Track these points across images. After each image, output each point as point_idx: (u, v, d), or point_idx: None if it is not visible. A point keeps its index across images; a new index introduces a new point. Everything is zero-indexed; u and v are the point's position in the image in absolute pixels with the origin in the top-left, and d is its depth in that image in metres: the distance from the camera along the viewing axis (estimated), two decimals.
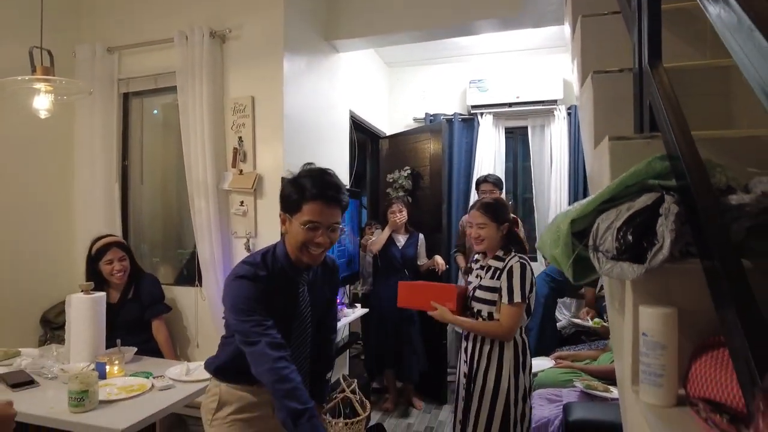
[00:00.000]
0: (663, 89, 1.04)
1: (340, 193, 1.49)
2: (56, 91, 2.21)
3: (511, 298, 2.05)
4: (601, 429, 2.15)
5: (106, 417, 1.76)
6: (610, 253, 0.88)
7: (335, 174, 1.53)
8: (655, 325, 0.83)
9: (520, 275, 2.07)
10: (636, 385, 0.91)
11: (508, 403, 2.09)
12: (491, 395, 2.10)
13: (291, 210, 1.47)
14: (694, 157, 0.88)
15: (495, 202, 2.29)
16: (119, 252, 2.63)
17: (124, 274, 2.63)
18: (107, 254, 2.60)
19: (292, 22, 2.88)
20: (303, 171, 1.52)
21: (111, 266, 2.59)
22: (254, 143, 2.83)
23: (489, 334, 2.13)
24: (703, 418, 0.76)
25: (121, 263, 2.62)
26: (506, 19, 3.15)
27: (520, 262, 2.11)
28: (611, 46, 1.60)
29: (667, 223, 0.82)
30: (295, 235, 1.47)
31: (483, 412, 2.11)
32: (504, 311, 2.08)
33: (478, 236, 2.21)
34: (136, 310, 2.66)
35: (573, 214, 0.97)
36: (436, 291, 2.31)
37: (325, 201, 1.45)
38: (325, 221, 1.46)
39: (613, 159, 1.13)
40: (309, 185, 1.45)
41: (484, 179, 3.84)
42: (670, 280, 0.89)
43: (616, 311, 1.11)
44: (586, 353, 3.14)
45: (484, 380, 2.13)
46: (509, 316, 2.06)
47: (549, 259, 1.04)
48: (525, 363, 2.15)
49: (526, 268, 2.10)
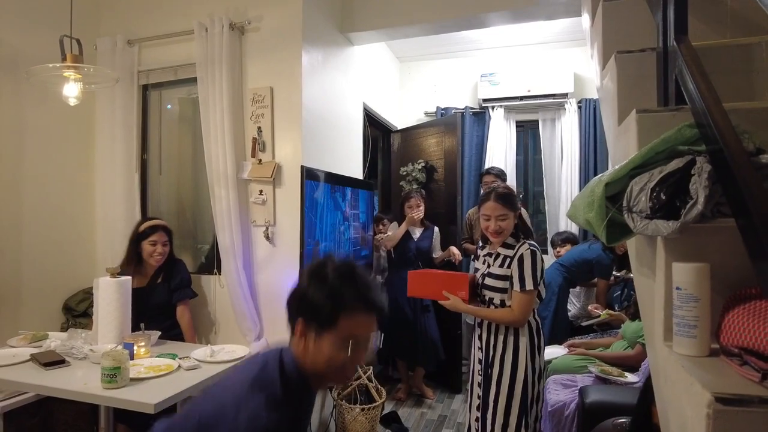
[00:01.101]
0: (691, 59, 1.08)
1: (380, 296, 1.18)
2: (84, 79, 2.26)
3: (522, 286, 2.08)
4: (616, 411, 2.18)
5: (138, 393, 1.81)
6: (644, 212, 0.92)
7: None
8: (689, 279, 0.87)
9: (531, 262, 2.09)
10: (669, 341, 0.95)
11: (526, 384, 2.13)
12: (509, 378, 2.14)
13: (321, 323, 1.11)
14: (725, 120, 0.92)
15: (508, 190, 2.29)
16: (164, 236, 2.69)
17: (162, 258, 2.68)
18: (153, 235, 2.65)
19: (310, 14, 2.94)
20: (329, 268, 1.15)
21: (154, 248, 2.64)
22: (273, 133, 2.88)
23: (503, 321, 2.15)
24: (738, 363, 0.81)
25: (163, 247, 2.67)
26: (518, 11, 3.19)
27: (531, 250, 2.13)
28: (631, 29, 1.65)
29: (700, 180, 0.86)
30: (326, 355, 1.11)
31: (502, 395, 2.15)
32: (516, 298, 2.11)
33: (499, 228, 2.17)
34: (164, 295, 2.70)
35: (606, 178, 1.01)
36: (448, 280, 2.31)
37: (369, 311, 1.15)
38: (366, 335, 1.16)
39: (640, 131, 1.17)
40: (348, 292, 1.12)
41: (487, 171, 3.90)
42: (701, 238, 0.93)
43: (644, 275, 1.15)
44: (599, 341, 3.17)
45: (501, 365, 2.16)
46: (521, 304, 2.09)
47: (582, 223, 1.08)
48: (540, 345, 2.19)
49: (536, 255, 2.12)
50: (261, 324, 2.89)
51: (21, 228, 2.77)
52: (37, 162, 2.86)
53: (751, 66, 1.35)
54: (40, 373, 1.97)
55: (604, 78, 1.65)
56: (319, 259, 1.19)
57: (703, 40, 1.46)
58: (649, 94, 1.39)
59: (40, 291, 2.86)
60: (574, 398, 2.55)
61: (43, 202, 2.90)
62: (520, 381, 2.13)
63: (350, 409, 2.99)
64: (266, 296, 2.91)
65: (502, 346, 2.17)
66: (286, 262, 2.84)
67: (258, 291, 2.92)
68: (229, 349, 2.31)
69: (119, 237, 3.08)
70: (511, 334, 2.16)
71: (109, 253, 3.07)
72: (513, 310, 2.11)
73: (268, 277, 2.91)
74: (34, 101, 2.79)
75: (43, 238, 2.89)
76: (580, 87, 4.34)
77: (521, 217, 2.27)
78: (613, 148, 1.61)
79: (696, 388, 0.75)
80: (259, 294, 2.92)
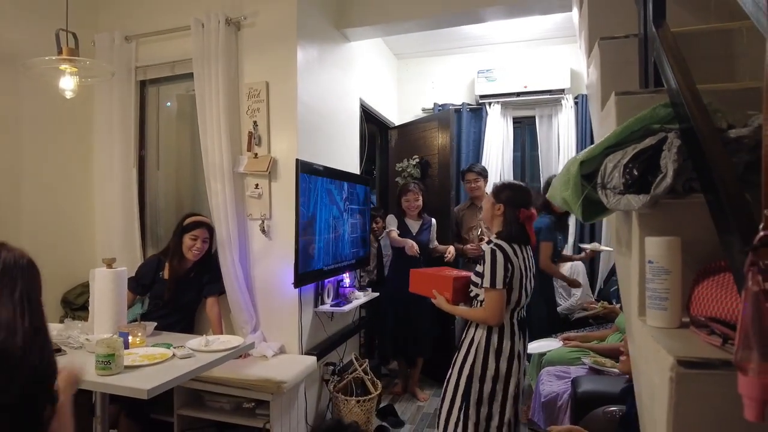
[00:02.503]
0: (667, 43, 1.10)
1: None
2: (81, 72, 2.29)
3: (483, 283, 2.09)
4: (608, 400, 2.19)
5: (132, 379, 1.83)
6: (617, 188, 0.94)
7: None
8: (660, 252, 0.89)
9: (491, 261, 2.07)
10: (643, 315, 0.97)
11: (471, 380, 2.11)
12: (457, 371, 2.17)
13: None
14: (696, 99, 0.94)
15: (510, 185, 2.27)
16: (205, 233, 2.81)
17: (199, 254, 2.79)
18: (196, 230, 2.78)
19: (305, 10, 2.96)
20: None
21: (194, 242, 2.77)
22: (269, 127, 2.91)
23: (477, 319, 2.16)
24: (706, 333, 0.82)
25: (203, 243, 2.79)
26: (513, 6, 3.21)
27: (491, 248, 2.10)
28: (616, 18, 1.67)
29: (670, 155, 0.88)
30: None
31: (449, 388, 2.19)
32: (484, 296, 2.11)
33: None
34: (193, 290, 2.82)
35: (581, 157, 1.03)
36: (437, 280, 2.37)
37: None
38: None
39: (619, 113, 1.19)
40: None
41: (469, 169, 3.90)
42: (674, 213, 0.95)
43: (622, 254, 1.17)
44: (594, 334, 3.18)
45: (456, 354, 2.22)
46: (486, 300, 2.09)
47: (560, 202, 1.10)
48: (500, 348, 2.12)
49: (495, 253, 2.08)
50: (257, 316, 2.91)
51: (19, 222, 2.81)
52: (36, 157, 2.89)
53: (732, 50, 1.36)
54: None
55: (589, 66, 1.67)
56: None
57: (687, 26, 1.48)
58: (632, 79, 1.40)
59: None
60: (567, 389, 2.57)
61: (41, 197, 2.93)
62: (465, 374, 2.13)
63: (346, 401, 3.00)
64: (262, 289, 2.94)
65: (462, 337, 2.23)
66: (281, 256, 2.86)
67: (254, 284, 2.95)
68: (223, 339, 2.34)
69: (117, 231, 3.12)
70: (472, 328, 2.18)
71: (107, 247, 3.10)
72: (483, 307, 2.12)
73: (264, 270, 2.93)
74: (31, 97, 2.83)
75: (41, 232, 2.92)
76: (576, 83, 4.35)
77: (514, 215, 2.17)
78: (597, 135, 1.63)
79: (661, 354, 0.77)
80: (255, 287, 2.94)
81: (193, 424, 2.70)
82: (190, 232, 2.77)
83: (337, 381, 3.11)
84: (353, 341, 3.61)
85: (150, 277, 2.80)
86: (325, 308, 3.12)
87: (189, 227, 2.79)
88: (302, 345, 2.91)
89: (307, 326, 2.97)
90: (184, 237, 2.78)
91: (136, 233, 3.16)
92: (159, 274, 2.80)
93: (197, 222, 2.82)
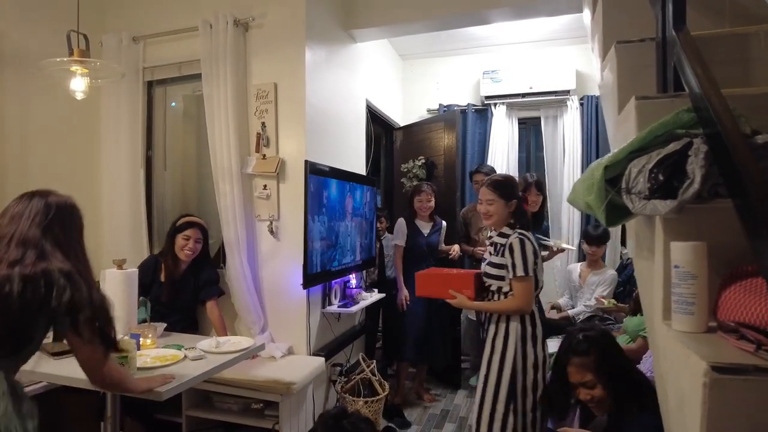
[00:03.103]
0: (689, 47, 1.10)
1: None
2: (91, 73, 2.29)
3: (515, 273, 2.16)
4: None
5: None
6: (642, 193, 0.94)
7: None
8: (687, 257, 0.90)
9: (520, 250, 2.17)
10: (668, 319, 0.97)
11: (515, 372, 2.15)
12: (498, 365, 2.18)
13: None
14: (722, 102, 0.94)
15: (503, 178, 2.39)
16: (198, 233, 2.80)
17: (192, 254, 2.78)
18: (188, 230, 2.77)
19: (313, 11, 2.96)
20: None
21: (186, 242, 2.76)
22: (277, 128, 2.91)
23: (509, 310, 2.20)
24: (735, 338, 0.83)
25: (195, 244, 2.78)
26: (520, 7, 3.22)
27: (519, 238, 2.20)
28: (631, 21, 1.67)
29: (697, 160, 0.88)
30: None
31: (491, 382, 2.20)
32: (514, 286, 2.19)
33: (487, 212, 2.31)
34: (187, 291, 2.81)
35: (606, 161, 1.04)
36: (454, 279, 2.38)
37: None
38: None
39: (639, 118, 1.20)
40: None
41: (477, 170, 3.90)
42: (699, 218, 0.95)
43: (643, 257, 1.17)
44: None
45: (492, 347, 2.22)
46: (518, 290, 2.17)
47: (582, 206, 1.10)
48: (535, 333, 2.20)
49: (524, 242, 2.18)
50: (265, 317, 2.92)
51: None
52: (43, 158, 2.89)
53: (749, 55, 1.37)
54: (49, 362, 2.00)
55: (604, 69, 1.67)
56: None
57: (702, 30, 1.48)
58: (648, 83, 1.41)
59: None
60: None
61: None
62: (508, 367, 2.16)
63: (353, 401, 3.01)
64: (270, 290, 2.94)
65: (494, 332, 2.23)
66: (290, 257, 2.86)
67: (262, 285, 2.95)
68: (234, 340, 2.33)
69: (124, 232, 3.12)
70: (503, 321, 2.21)
71: (115, 248, 3.09)
72: (514, 297, 2.18)
73: (272, 271, 2.93)
74: (39, 97, 2.83)
75: None
76: (581, 84, 4.36)
77: (520, 207, 2.33)
78: (613, 138, 1.64)
79: (693, 359, 0.77)
80: (263, 288, 2.95)
81: (201, 424, 2.70)
82: (182, 232, 2.77)
83: (344, 382, 3.12)
84: (359, 342, 3.61)
85: (149, 276, 2.80)
86: (333, 309, 3.12)
87: (181, 227, 2.79)
88: (310, 346, 2.91)
89: (314, 327, 2.98)
90: (176, 237, 2.77)
91: (143, 233, 3.16)
92: (157, 275, 2.81)
93: (189, 222, 2.82)
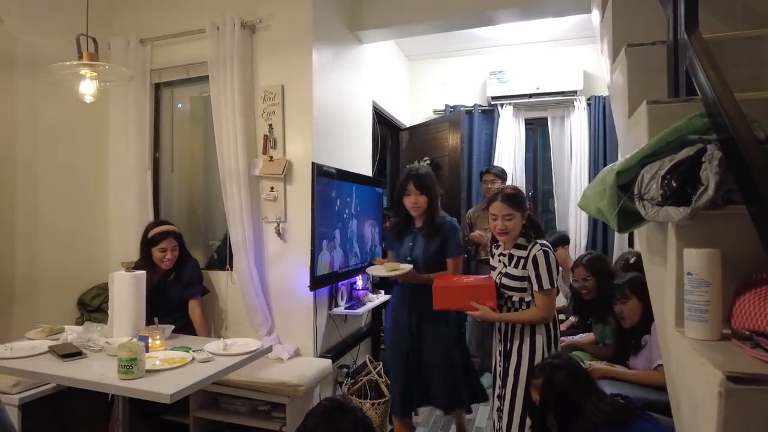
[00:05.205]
0: (702, 51, 1.09)
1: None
2: (100, 77, 2.30)
3: (540, 286, 2.16)
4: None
5: (154, 383, 1.83)
6: (655, 200, 0.94)
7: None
8: (701, 264, 0.89)
9: (545, 263, 2.16)
10: (681, 326, 0.96)
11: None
12: (527, 368, 2.18)
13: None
14: (737, 108, 0.93)
15: (516, 190, 2.32)
16: (173, 242, 2.78)
17: (172, 262, 2.78)
18: (162, 242, 2.74)
19: (320, 13, 2.96)
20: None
21: (163, 254, 2.73)
22: (284, 130, 2.91)
23: (531, 321, 2.21)
24: (750, 346, 0.82)
25: (173, 253, 2.77)
26: (527, 8, 3.20)
27: (543, 250, 2.18)
28: (641, 23, 1.66)
29: (711, 167, 0.87)
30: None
31: (520, 385, 2.18)
32: (538, 298, 2.18)
33: (505, 228, 2.23)
34: (175, 292, 2.77)
35: (618, 167, 1.03)
36: (475, 291, 2.31)
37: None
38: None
39: (651, 122, 1.19)
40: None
41: (487, 170, 3.88)
42: (712, 224, 0.94)
43: (655, 263, 1.17)
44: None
45: (519, 356, 2.21)
46: (544, 302, 2.17)
47: (594, 212, 1.09)
48: (557, 335, 2.25)
49: (549, 254, 2.18)
50: (272, 319, 2.92)
51: (36, 225, 2.82)
52: (52, 160, 2.91)
53: (761, 58, 1.36)
54: (59, 364, 2.01)
55: (614, 72, 1.66)
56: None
57: (714, 33, 1.47)
58: (659, 86, 1.40)
59: (54, 287, 2.91)
60: None
61: (57, 199, 2.94)
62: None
63: (360, 403, 3.00)
64: (277, 292, 2.94)
65: (519, 337, 2.23)
66: (297, 258, 2.86)
67: (269, 287, 2.95)
68: (242, 342, 2.34)
69: (132, 234, 3.12)
70: (527, 331, 2.21)
71: (123, 249, 3.11)
72: (538, 309, 2.19)
73: (279, 273, 2.94)
74: (48, 100, 2.84)
75: (57, 234, 2.93)
76: (589, 84, 4.34)
77: (531, 216, 2.30)
78: (623, 141, 1.62)
79: (708, 369, 0.76)
80: (270, 290, 2.95)
81: (208, 426, 2.71)
82: (157, 245, 2.73)
83: (351, 383, 3.11)
84: (365, 344, 3.61)
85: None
86: (339, 311, 3.12)
87: (155, 239, 2.74)
88: (317, 348, 2.91)
89: (321, 329, 2.98)
90: (152, 250, 2.74)
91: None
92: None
93: (163, 232, 2.77)
